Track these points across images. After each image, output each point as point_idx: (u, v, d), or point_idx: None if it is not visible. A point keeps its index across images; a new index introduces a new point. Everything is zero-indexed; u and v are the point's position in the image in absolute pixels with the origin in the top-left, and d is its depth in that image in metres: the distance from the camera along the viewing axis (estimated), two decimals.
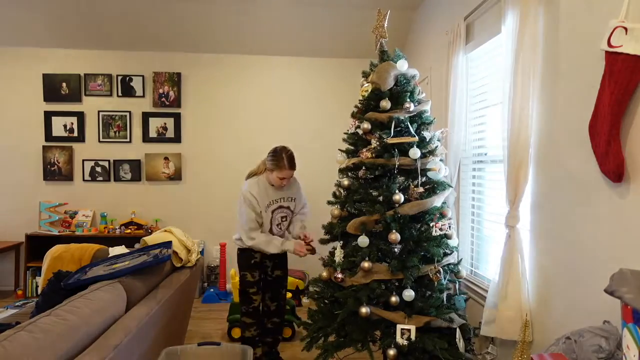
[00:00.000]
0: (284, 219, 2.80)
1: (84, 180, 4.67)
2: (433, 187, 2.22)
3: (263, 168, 2.72)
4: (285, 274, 2.91)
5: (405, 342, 1.99)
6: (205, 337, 3.37)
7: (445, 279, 2.15)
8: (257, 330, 2.76)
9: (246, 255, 2.74)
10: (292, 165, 2.63)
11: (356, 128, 2.38)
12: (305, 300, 4.30)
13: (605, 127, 1.55)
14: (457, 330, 2.08)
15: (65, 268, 2.78)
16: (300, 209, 2.91)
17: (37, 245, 4.46)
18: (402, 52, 2.35)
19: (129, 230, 4.50)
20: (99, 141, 4.68)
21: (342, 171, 2.43)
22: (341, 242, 2.29)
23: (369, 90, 2.30)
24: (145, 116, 4.69)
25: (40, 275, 4.21)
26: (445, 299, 2.13)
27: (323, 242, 2.45)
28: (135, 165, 4.70)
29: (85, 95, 4.66)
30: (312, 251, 2.67)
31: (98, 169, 4.68)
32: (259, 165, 2.77)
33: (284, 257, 2.88)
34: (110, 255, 2.82)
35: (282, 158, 2.59)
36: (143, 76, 4.68)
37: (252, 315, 2.76)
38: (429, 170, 2.19)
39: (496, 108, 2.61)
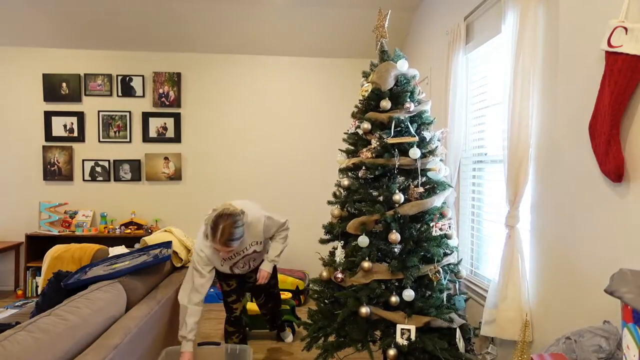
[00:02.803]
0: (252, 260, 2.59)
1: (84, 180, 4.67)
2: (433, 187, 2.22)
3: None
4: (272, 276, 2.84)
5: (405, 342, 1.99)
6: (205, 337, 3.37)
7: (445, 279, 2.15)
8: (239, 338, 2.70)
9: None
10: (226, 242, 2.23)
11: (356, 128, 2.38)
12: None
13: (605, 127, 1.55)
14: (457, 330, 2.08)
15: (65, 268, 2.78)
16: (276, 234, 2.62)
17: (37, 245, 4.46)
18: (402, 52, 2.35)
19: (129, 230, 4.50)
20: (99, 141, 4.68)
21: (342, 171, 2.43)
22: (341, 242, 2.29)
23: (369, 90, 2.30)
24: (145, 116, 4.69)
25: (40, 275, 4.22)
26: (445, 299, 2.13)
27: (323, 242, 2.45)
28: (135, 165, 4.70)
29: (85, 95, 4.66)
30: None
31: (98, 169, 4.68)
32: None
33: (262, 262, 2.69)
34: (110, 255, 2.82)
35: (213, 229, 2.24)
36: (143, 76, 4.68)
37: (234, 324, 2.69)
38: (429, 170, 2.20)
39: (496, 108, 2.61)
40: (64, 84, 4.60)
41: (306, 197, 4.76)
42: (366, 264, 2.09)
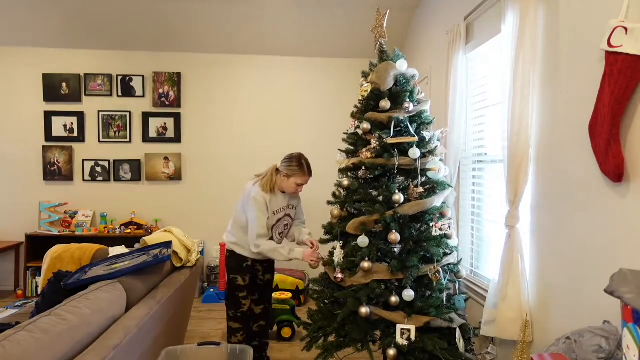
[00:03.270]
0: (285, 227, 2.74)
1: (84, 180, 4.67)
2: (433, 187, 2.22)
3: (271, 174, 2.61)
4: (273, 278, 2.90)
5: (405, 342, 1.99)
6: (205, 337, 3.37)
7: (445, 279, 2.15)
8: (243, 336, 2.68)
9: (238, 257, 2.65)
10: (310, 172, 2.61)
11: (356, 128, 2.38)
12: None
13: (605, 127, 1.55)
14: (457, 330, 2.08)
15: (65, 268, 2.78)
16: (299, 220, 2.85)
17: (37, 245, 4.47)
18: (401, 52, 2.35)
19: (129, 230, 4.50)
20: (99, 141, 4.68)
21: (342, 171, 2.43)
22: (341, 242, 2.29)
23: (369, 90, 2.30)
24: (145, 116, 4.69)
25: (40, 275, 4.22)
26: (445, 299, 2.13)
27: (323, 242, 2.45)
28: (135, 165, 4.70)
29: (85, 95, 4.66)
30: (322, 261, 2.49)
31: (98, 169, 4.68)
32: (268, 171, 2.64)
33: (273, 262, 2.83)
34: (110, 255, 2.82)
35: (302, 164, 2.55)
36: (143, 76, 4.68)
37: (240, 320, 2.67)
38: (429, 170, 2.19)
39: (496, 108, 2.61)
40: (64, 84, 4.60)
41: (306, 196, 4.75)
42: (366, 264, 2.09)
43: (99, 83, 4.65)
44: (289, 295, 3.63)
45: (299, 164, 2.54)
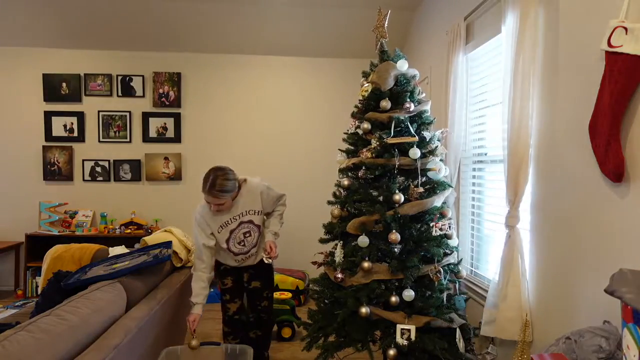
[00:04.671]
0: (247, 235, 2.54)
1: (84, 180, 4.67)
2: (433, 187, 2.22)
3: None
4: (266, 285, 2.70)
5: (405, 342, 1.99)
6: (205, 337, 3.37)
7: (445, 279, 2.15)
8: (235, 340, 2.63)
9: (216, 261, 2.61)
10: (211, 191, 2.29)
11: (356, 128, 2.38)
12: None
13: (605, 127, 1.55)
14: (457, 330, 2.08)
15: (65, 268, 2.78)
16: (274, 208, 2.66)
17: (37, 245, 4.46)
18: (402, 52, 2.35)
19: (129, 230, 4.50)
20: (99, 141, 4.68)
21: (342, 171, 2.43)
22: (341, 242, 2.29)
23: (369, 90, 2.30)
24: (145, 116, 4.69)
25: (40, 275, 4.22)
26: (445, 299, 2.13)
27: (323, 241, 2.45)
28: (135, 165, 4.70)
29: (85, 95, 4.66)
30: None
31: (98, 169, 4.68)
32: None
33: (264, 268, 2.68)
34: (110, 255, 2.82)
35: (205, 183, 2.32)
36: (143, 76, 4.68)
37: (229, 324, 2.64)
38: (429, 170, 2.19)
39: (496, 108, 2.61)
40: (64, 84, 4.60)
41: (306, 196, 4.76)
42: (366, 264, 2.08)
43: (99, 83, 4.65)
44: (289, 295, 3.63)
45: (203, 184, 2.33)
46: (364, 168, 2.24)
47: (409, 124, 2.22)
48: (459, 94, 2.88)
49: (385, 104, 2.23)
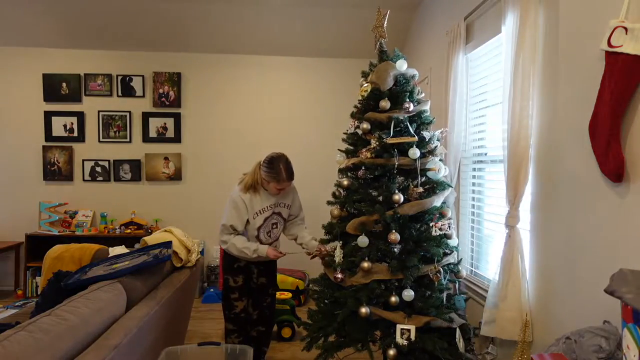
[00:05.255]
0: (274, 226, 2.69)
1: (84, 180, 4.67)
2: (433, 187, 2.22)
3: (254, 172, 2.58)
4: (271, 282, 2.80)
5: (405, 342, 1.99)
6: (205, 337, 3.37)
7: (445, 279, 2.15)
8: (239, 338, 2.65)
9: (229, 258, 2.65)
10: (290, 177, 2.51)
11: (356, 128, 2.38)
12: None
13: (605, 127, 1.55)
14: (457, 330, 2.08)
15: (65, 268, 2.78)
16: (297, 217, 2.81)
17: (37, 245, 4.46)
18: (401, 52, 2.35)
19: (129, 230, 4.50)
20: (99, 141, 4.68)
21: (341, 171, 2.43)
22: (341, 242, 2.29)
23: (369, 90, 2.30)
24: (145, 116, 4.69)
25: (40, 275, 4.22)
26: (445, 299, 2.13)
27: (323, 242, 2.45)
28: (135, 165, 4.70)
29: (85, 95, 4.66)
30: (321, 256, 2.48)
31: (98, 169, 4.68)
32: (253, 170, 2.62)
33: (271, 264, 2.79)
34: (110, 255, 2.82)
35: (280, 172, 2.47)
36: (143, 76, 4.68)
37: (234, 322, 2.66)
38: (429, 170, 2.19)
39: (496, 108, 2.61)
40: (64, 84, 4.60)
41: (305, 196, 4.75)
42: (366, 264, 2.08)
43: (99, 83, 4.65)
44: (289, 295, 3.63)
45: (277, 171, 2.47)
46: (363, 168, 2.24)
47: (408, 124, 2.22)
48: (458, 94, 2.88)
49: (385, 104, 2.23)
